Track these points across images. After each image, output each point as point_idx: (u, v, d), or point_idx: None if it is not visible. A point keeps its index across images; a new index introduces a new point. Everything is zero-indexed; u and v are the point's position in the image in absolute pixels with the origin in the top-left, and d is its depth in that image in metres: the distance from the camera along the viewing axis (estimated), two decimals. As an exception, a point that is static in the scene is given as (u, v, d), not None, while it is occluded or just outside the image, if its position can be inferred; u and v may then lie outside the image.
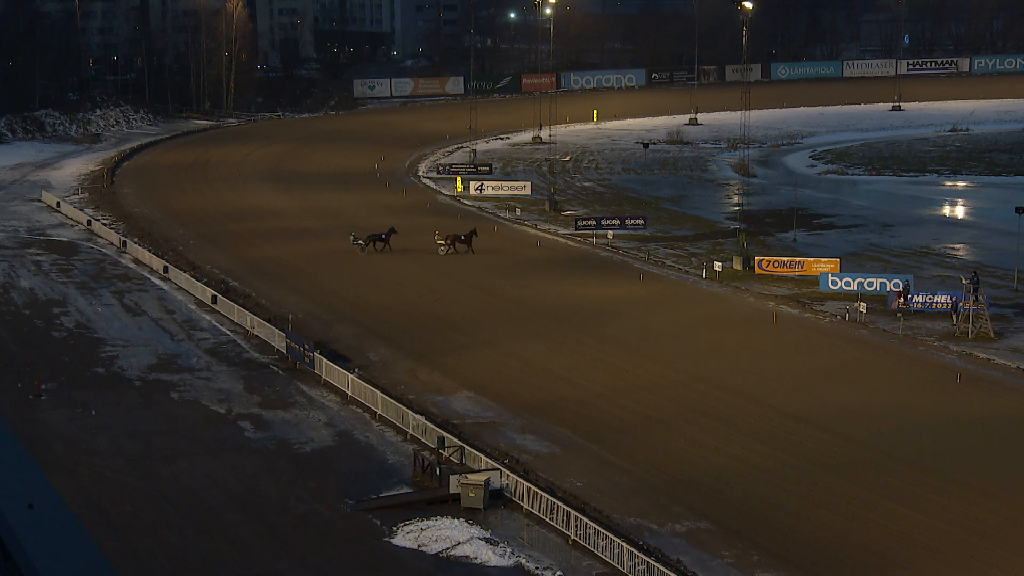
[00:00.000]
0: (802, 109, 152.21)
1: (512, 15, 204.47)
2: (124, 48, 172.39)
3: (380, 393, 46.01)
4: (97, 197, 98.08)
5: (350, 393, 47.41)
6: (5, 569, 4.81)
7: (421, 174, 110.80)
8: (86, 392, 48.90)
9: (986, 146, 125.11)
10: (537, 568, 33.23)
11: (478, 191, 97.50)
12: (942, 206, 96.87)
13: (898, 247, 76.37)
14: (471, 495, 36.73)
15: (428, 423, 42.73)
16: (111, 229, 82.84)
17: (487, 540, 34.76)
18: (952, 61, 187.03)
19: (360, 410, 46.25)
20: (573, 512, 35.04)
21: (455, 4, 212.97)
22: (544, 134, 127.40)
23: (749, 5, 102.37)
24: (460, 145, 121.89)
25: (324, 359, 50.02)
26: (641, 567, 32.08)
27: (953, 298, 57.74)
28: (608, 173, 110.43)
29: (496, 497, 37.29)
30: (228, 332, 57.97)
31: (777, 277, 66.82)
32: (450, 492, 37.13)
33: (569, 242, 79.33)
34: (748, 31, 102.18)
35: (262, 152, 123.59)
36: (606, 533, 33.90)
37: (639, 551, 32.76)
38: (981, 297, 55.62)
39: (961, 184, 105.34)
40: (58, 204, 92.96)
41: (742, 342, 54.72)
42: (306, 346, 51.03)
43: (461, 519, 35.98)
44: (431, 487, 38.08)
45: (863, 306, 58.46)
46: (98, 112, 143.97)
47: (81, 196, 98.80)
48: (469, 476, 37.38)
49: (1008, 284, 64.51)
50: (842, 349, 54.20)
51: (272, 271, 70.72)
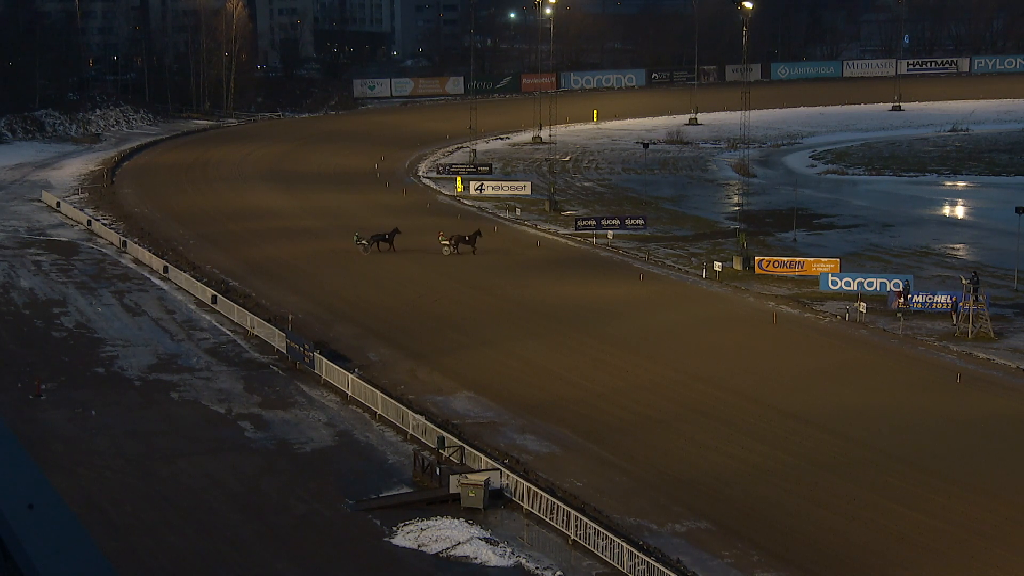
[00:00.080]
0: (802, 109, 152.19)
1: (512, 15, 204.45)
2: (124, 48, 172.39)
3: (380, 393, 46.01)
4: (97, 197, 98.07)
5: (350, 393, 47.41)
6: (5, 569, 4.81)
7: (421, 174, 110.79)
8: (86, 392, 48.90)
9: (986, 146, 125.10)
10: (537, 568, 33.23)
11: (478, 191, 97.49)
12: (942, 206, 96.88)
13: (898, 247, 76.37)
14: (471, 495, 36.73)
15: (428, 423, 42.73)
16: (111, 229, 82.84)
17: (487, 540, 34.77)
18: (952, 61, 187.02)
19: (360, 410, 46.26)
20: (573, 512, 35.05)
21: (455, 4, 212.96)
22: (544, 134, 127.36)
23: (749, 5, 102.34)
24: (460, 145, 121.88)
25: (324, 359, 50.02)
26: (641, 567, 32.08)
27: (953, 298, 57.74)
28: (608, 173, 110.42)
29: (496, 497, 37.29)
30: (228, 332, 57.97)
31: (777, 277, 66.82)
32: (450, 492, 37.14)
33: (569, 242, 79.33)
34: (748, 31, 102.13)
35: (262, 152, 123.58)
36: (606, 533, 33.90)
37: (639, 551, 32.77)
38: (981, 297, 55.62)
39: (961, 184, 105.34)
40: (58, 204, 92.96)
41: (742, 342, 54.72)
42: (306, 346, 51.03)
43: (461, 519, 35.99)
44: (431, 487, 38.08)
45: (863, 306, 58.46)
46: (98, 112, 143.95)
47: (81, 196, 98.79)
48: (469, 476, 37.38)
49: (1008, 284, 64.51)
50: (842, 349, 54.20)
51: (272, 271, 70.72)
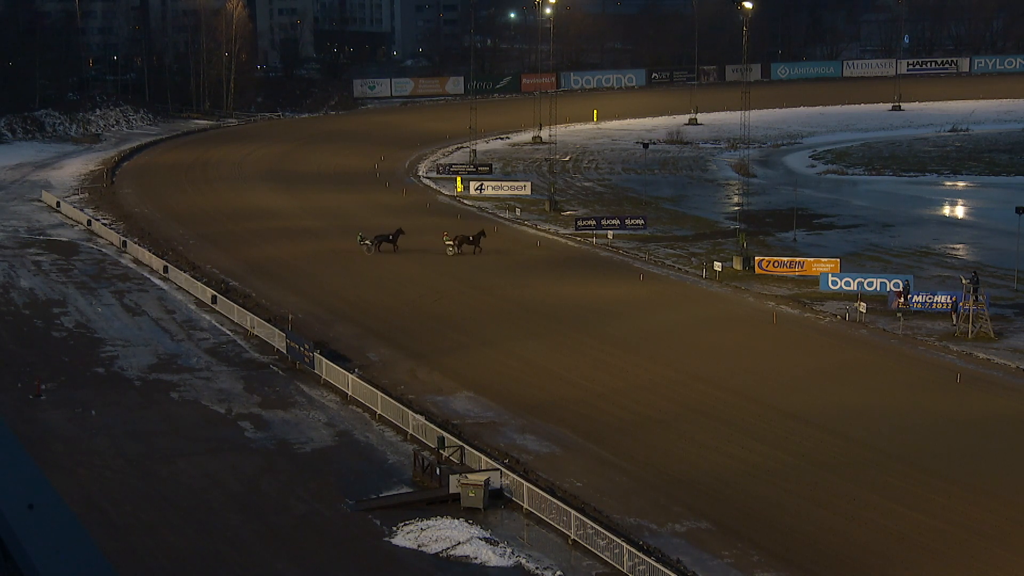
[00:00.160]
0: (802, 109, 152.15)
1: (512, 15, 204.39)
2: (124, 48, 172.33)
3: (380, 393, 46.01)
4: (97, 197, 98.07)
5: (350, 393, 47.42)
6: (5, 569, 4.81)
7: (421, 174, 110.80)
8: (86, 392, 48.90)
9: (986, 146, 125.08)
10: (537, 568, 33.23)
11: (478, 191, 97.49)
12: (942, 206, 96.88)
13: (898, 247, 76.38)
14: (471, 495, 36.73)
15: (428, 423, 42.73)
16: (111, 229, 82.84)
17: (487, 540, 34.77)
18: (952, 61, 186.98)
19: (360, 410, 46.26)
20: (573, 512, 35.05)
21: (455, 4, 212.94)
22: (544, 134, 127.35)
23: (749, 5, 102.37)
24: (460, 145, 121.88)
25: (324, 359, 50.02)
26: (641, 567, 32.09)
27: (953, 298, 57.74)
28: (608, 173, 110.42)
29: (496, 497, 37.30)
30: (228, 332, 57.98)
31: (777, 277, 66.83)
32: (450, 492, 37.14)
33: (569, 242, 79.33)
34: (748, 31, 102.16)
35: (262, 152, 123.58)
36: (606, 533, 33.91)
37: (639, 551, 32.77)
38: (981, 297, 55.63)
39: (961, 184, 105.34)
40: (58, 204, 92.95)
41: (742, 342, 54.72)
42: (306, 346, 51.03)
43: (461, 519, 35.99)
44: (431, 487, 38.08)
45: (863, 306, 58.46)
46: (98, 112, 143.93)
47: (81, 196, 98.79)
48: (469, 476, 37.39)
49: (1008, 284, 64.52)
50: (842, 349, 54.21)
51: (272, 271, 70.72)
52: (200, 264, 72.32)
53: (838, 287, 63.32)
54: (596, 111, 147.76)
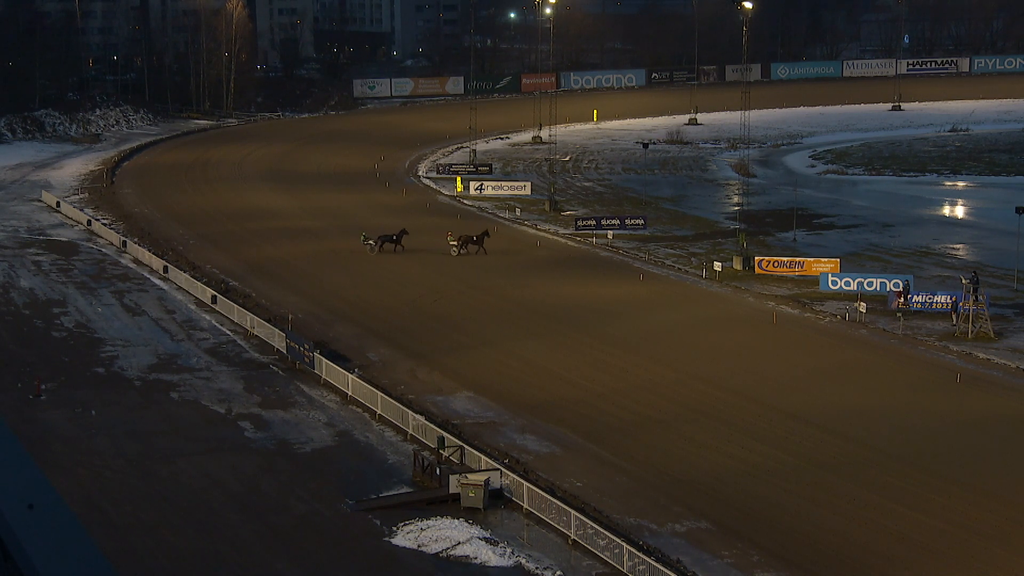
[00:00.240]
0: (802, 109, 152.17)
1: (512, 15, 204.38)
2: (124, 48, 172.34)
3: (380, 393, 46.01)
4: (97, 197, 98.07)
5: (350, 393, 47.41)
6: (5, 569, 4.81)
7: (421, 174, 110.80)
8: (86, 392, 48.90)
9: (986, 146, 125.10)
10: (537, 568, 33.23)
11: (478, 191, 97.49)
12: (942, 206, 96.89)
13: (898, 247, 76.38)
14: (471, 495, 36.73)
15: (428, 423, 42.73)
16: (111, 229, 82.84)
17: (487, 540, 34.77)
18: (952, 61, 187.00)
19: (360, 410, 46.26)
20: (573, 512, 35.04)
21: (455, 4, 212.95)
22: (544, 134, 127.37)
23: (749, 5, 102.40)
24: (460, 145, 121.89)
25: (324, 359, 50.02)
26: (641, 567, 32.08)
27: (953, 298, 57.73)
28: (608, 173, 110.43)
29: (496, 497, 37.29)
30: (228, 332, 57.97)
31: (777, 277, 66.83)
32: (450, 492, 37.13)
33: (569, 242, 79.33)
34: (748, 31, 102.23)
35: (262, 152, 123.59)
36: (606, 533, 33.90)
37: (639, 551, 32.77)
38: (981, 297, 55.63)
39: (961, 184, 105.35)
40: (58, 204, 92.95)
41: (742, 342, 54.72)
42: (306, 346, 51.03)
43: (461, 519, 35.99)
44: (431, 487, 38.08)
45: (863, 306, 58.46)
46: (98, 112, 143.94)
47: (81, 196, 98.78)
48: (469, 476, 37.38)
49: (1008, 284, 64.52)
50: (842, 349, 54.20)
51: (272, 271, 70.72)
52: (200, 264, 72.33)
53: (838, 287, 63.33)
54: (596, 111, 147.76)
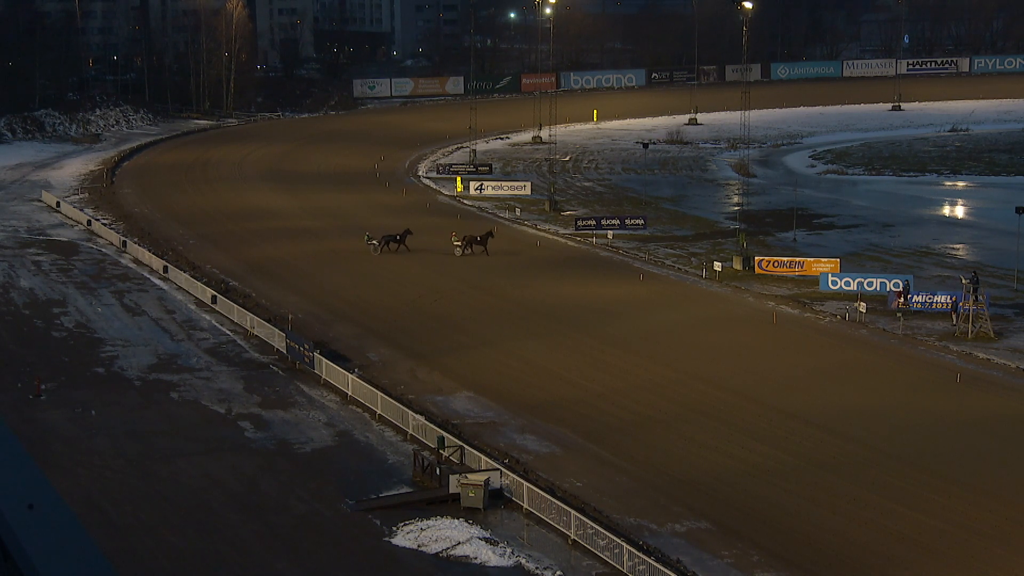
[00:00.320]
0: (802, 109, 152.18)
1: (512, 15, 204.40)
2: (124, 48, 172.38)
3: (380, 393, 46.01)
4: (97, 197, 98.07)
5: (350, 393, 47.41)
6: (5, 569, 4.81)
7: (421, 174, 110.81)
8: (86, 392, 48.90)
9: (986, 146, 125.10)
10: (537, 568, 33.23)
11: (478, 191, 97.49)
12: (942, 206, 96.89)
13: (898, 247, 76.37)
14: (471, 495, 36.73)
15: (428, 423, 42.73)
16: (111, 229, 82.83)
17: (487, 540, 34.77)
18: (952, 61, 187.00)
19: (360, 410, 46.26)
20: (573, 512, 35.04)
21: (455, 4, 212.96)
22: (544, 134, 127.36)
23: (749, 5, 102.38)
24: (460, 145, 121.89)
25: (324, 359, 50.02)
26: (641, 567, 32.08)
27: (953, 298, 57.73)
28: (608, 173, 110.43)
29: (496, 497, 37.29)
30: (228, 332, 57.97)
31: (777, 277, 66.83)
32: (450, 492, 37.13)
33: (569, 242, 79.33)
34: (748, 31, 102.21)
35: (262, 152, 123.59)
36: (606, 533, 33.90)
37: (639, 551, 32.77)
38: (981, 297, 55.62)
39: (961, 184, 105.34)
40: (58, 204, 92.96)
41: (742, 342, 54.71)
42: (306, 346, 51.03)
43: (461, 519, 35.99)
44: (431, 487, 38.08)
45: (863, 306, 58.45)
46: (98, 112, 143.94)
47: (81, 196, 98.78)
48: (469, 476, 37.38)
49: (1008, 284, 64.51)
50: (842, 349, 54.20)
51: (272, 271, 70.72)
52: (200, 264, 72.32)
53: (838, 287, 63.32)
54: (596, 111, 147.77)
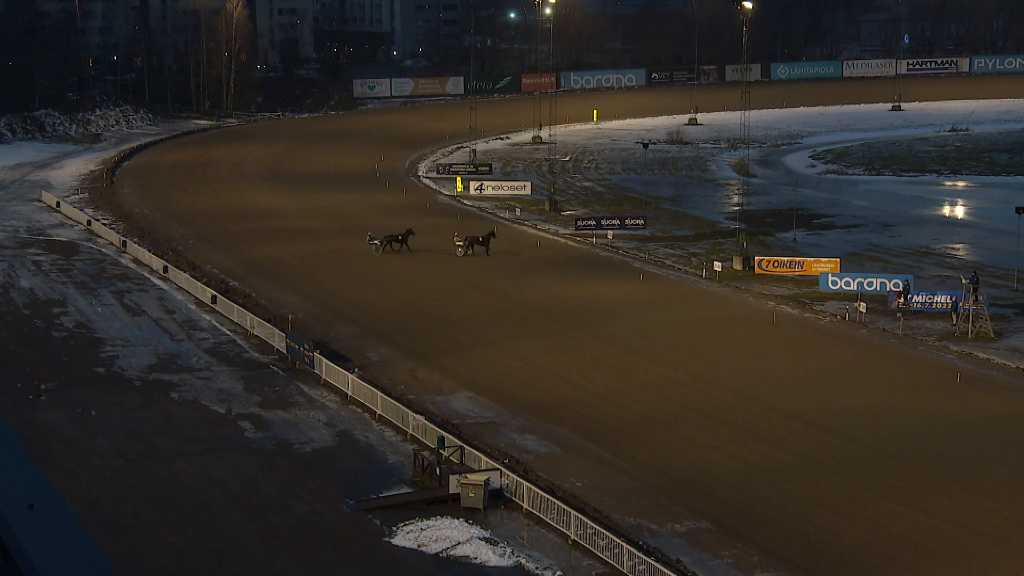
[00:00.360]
0: (802, 109, 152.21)
1: (512, 15, 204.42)
2: (124, 48, 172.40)
3: (380, 393, 46.01)
4: (97, 197, 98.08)
5: (350, 393, 47.41)
6: (5, 569, 4.81)
7: (421, 174, 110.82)
8: (86, 392, 48.89)
9: (986, 146, 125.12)
10: (537, 568, 33.23)
11: (478, 191, 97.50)
12: (942, 206, 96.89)
13: (898, 247, 76.38)
14: (471, 495, 36.72)
15: (428, 423, 42.73)
16: (111, 229, 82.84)
17: (487, 540, 34.77)
18: (952, 61, 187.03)
19: (360, 410, 46.26)
20: (573, 512, 35.04)
21: (455, 4, 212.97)
22: (544, 134, 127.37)
23: (749, 5, 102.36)
24: (460, 145, 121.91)
25: (324, 359, 50.02)
26: (641, 567, 32.08)
27: (953, 298, 57.73)
28: (608, 173, 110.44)
29: (496, 497, 37.29)
30: (228, 332, 57.97)
31: (777, 277, 66.83)
32: (450, 492, 37.13)
33: (569, 242, 79.34)
34: (748, 31, 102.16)
35: (262, 152, 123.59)
36: (606, 533, 33.90)
37: (639, 551, 32.77)
38: (981, 297, 55.63)
39: (961, 184, 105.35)
40: (58, 204, 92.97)
41: (742, 342, 54.71)
42: (306, 346, 51.03)
43: (461, 519, 35.99)
44: (431, 487, 38.08)
45: (863, 306, 58.45)
46: (98, 112, 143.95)
47: (81, 196, 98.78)
48: (469, 476, 37.38)
49: (1008, 284, 64.51)
50: (842, 349, 54.19)
51: (272, 271, 70.72)
52: (200, 264, 72.33)
53: (838, 287, 63.32)
54: (596, 111, 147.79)
